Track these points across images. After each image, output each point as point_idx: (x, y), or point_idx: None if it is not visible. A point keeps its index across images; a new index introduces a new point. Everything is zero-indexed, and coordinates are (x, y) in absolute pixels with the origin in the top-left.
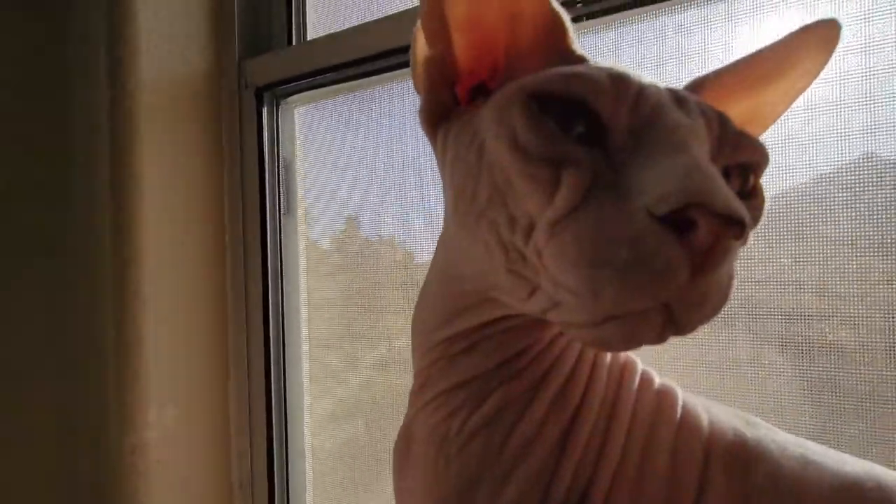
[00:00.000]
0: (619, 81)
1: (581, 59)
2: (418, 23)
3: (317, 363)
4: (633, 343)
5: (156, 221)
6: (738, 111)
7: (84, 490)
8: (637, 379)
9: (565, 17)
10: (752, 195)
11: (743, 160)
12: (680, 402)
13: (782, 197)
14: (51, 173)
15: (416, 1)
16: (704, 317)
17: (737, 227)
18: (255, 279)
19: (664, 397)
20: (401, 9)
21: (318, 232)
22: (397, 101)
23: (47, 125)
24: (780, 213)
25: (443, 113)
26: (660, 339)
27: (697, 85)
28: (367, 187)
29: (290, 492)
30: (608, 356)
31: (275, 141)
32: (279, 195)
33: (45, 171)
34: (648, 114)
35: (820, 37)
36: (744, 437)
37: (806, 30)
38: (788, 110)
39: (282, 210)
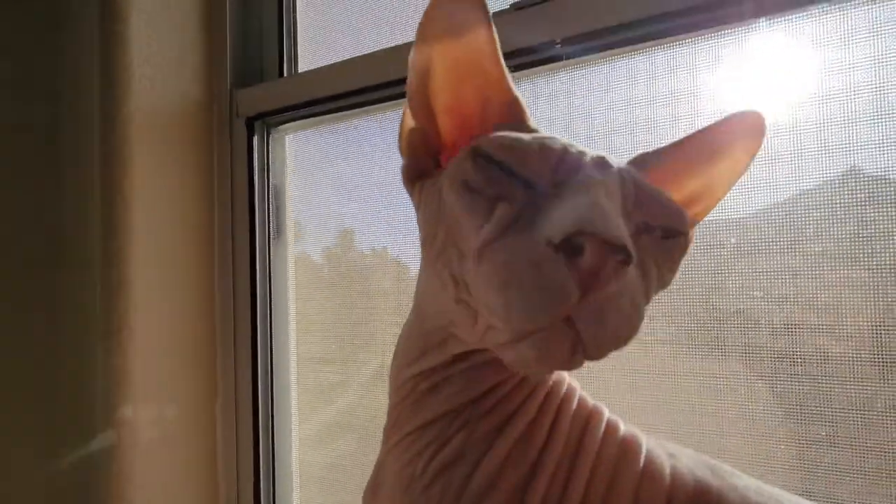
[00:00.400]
0: (544, 149)
1: (532, 130)
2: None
3: (305, 384)
4: (547, 361)
5: (145, 249)
6: (690, 187)
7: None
8: (602, 426)
9: (523, 99)
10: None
11: (658, 222)
12: (644, 451)
13: (768, 212)
14: (42, 200)
15: (403, 38)
16: (608, 339)
17: (621, 253)
18: (243, 302)
19: (628, 445)
20: (388, 45)
21: (308, 254)
22: (384, 130)
23: (39, 153)
24: (766, 227)
25: (422, 174)
26: (571, 358)
27: (640, 161)
28: (356, 212)
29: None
30: (574, 402)
31: (265, 168)
32: (268, 220)
33: (36, 198)
34: (567, 171)
35: (748, 125)
36: (707, 486)
37: (735, 118)
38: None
39: (271, 234)
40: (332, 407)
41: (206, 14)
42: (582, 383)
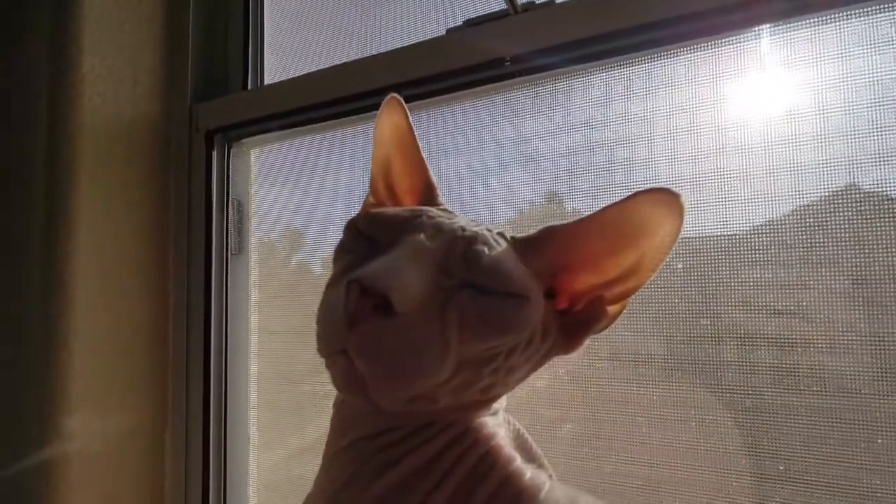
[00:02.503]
0: (395, 216)
1: (438, 205)
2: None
3: (265, 403)
4: (340, 382)
5: (92, 268)
6: (615, 268)
7: None
8: (503, 472)
9: (434, 180)
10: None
11: (477, 280)
12: (541, 492)
13: (768, 225)
14: None
15: (370, 50)
16: (378, 374)
17: (374, 298)
18: (197, 320)
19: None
20: (354, 58)
21: (273, 270)
22: (352, 143)
23: None
24: (766, 241)
25: None
26: (348, 386)
27: (545, 232)
28: (323, 225)
29: None
30: (481, 450)
31: (224, 182)
32: (227, 235)
33: None
34: (404, 233)
35: (665, 208)
36: None
37: (649, 201)
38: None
39: (231, 250)
40: (292, 429)
41: (166, 30)
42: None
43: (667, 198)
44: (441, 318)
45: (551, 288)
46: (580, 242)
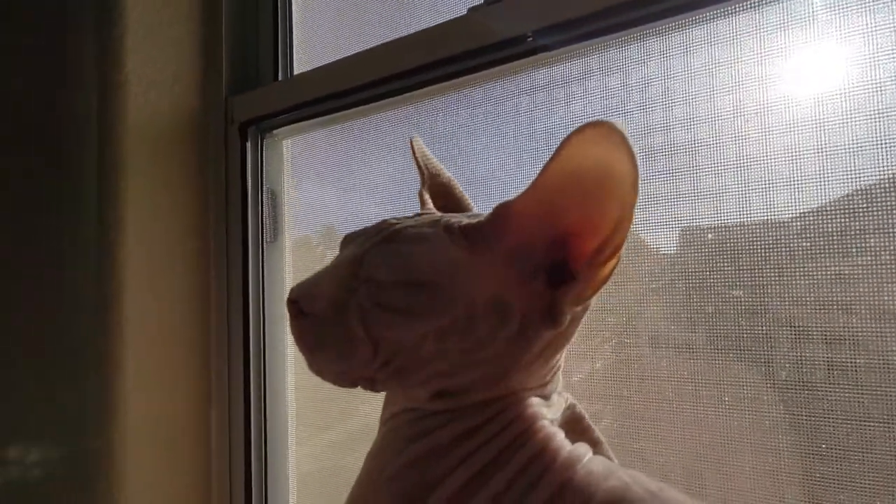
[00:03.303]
0: (349, 236)
1: (424, 211)
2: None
3: (302, 387)
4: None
5: (140, 256)
6: (559, 229)
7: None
8: (538, 448)
9: (445, 183)
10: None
11: (376, 277)
12: (591, 461)
13: (821, 210)
14: (40, 210)
15: (394, 34)
16: (306, 356)
17: (292, 305)
18: (237, 307)
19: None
20: (382, 41)
21: (305, 257)
22: (382, 130)
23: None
24: (818, 226)
25: None
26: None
27: (498, 210)
28: (354, 213)
29: None
30: (538, 435)
31: (259, 172)
32: (262, 224)
33: (34, 208)
34: (342, 249)
35: (589, 142)
36: (626, 491)
37: (573, 141)
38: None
39: (266, 238)
40: (331, 412)
41: (201, 28)
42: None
43: (597, 131)
44: (344, 313)
45: (556, 260)
46: (550, 205)
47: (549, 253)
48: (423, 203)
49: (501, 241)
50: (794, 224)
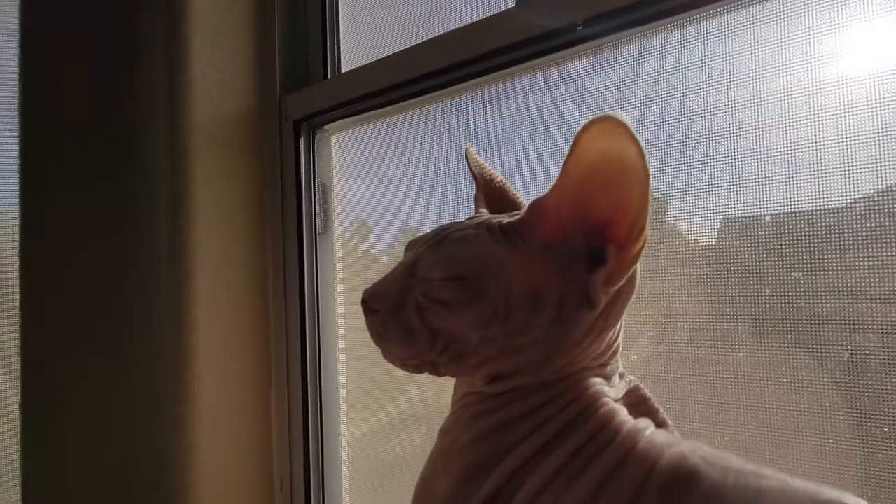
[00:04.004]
0: (410, 243)
1: (476, 215)
2: None
3: (353, 373)
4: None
5: (207, 244)
6: (588, 219)
7: (142, 485)
8: (637, 442)
9: (498, 186)
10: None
11: (427, 276)
12: (654, 437)
13: (878, 196)
14: (116, 205)
15: (434, 31)
16: (377, 341)
17: (363, 305)
18: (293, 294)
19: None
20: (426, 38)
21: (354, 247)
22: (426, 124)
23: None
24: (875, 213)
25: None
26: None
27: (529, 208)
28: (400, 204)
29: (325, 494)
30: (601, 411)
31: (311, 167)
32: (315, 216)
33: (109, 202)
34: (405, 254)
35: (599, 138)
36: (687, 460)
37: (584, 138)
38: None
39: (318, 229)
40: (378, 393)
41: (257, 30)
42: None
43: (603, 127)
44: (404, 308)
45: (592, 247)
46: (575, 197)
47: (588, 242)
48: (477, 206)
49: (537, 234)
50: (847, 212)
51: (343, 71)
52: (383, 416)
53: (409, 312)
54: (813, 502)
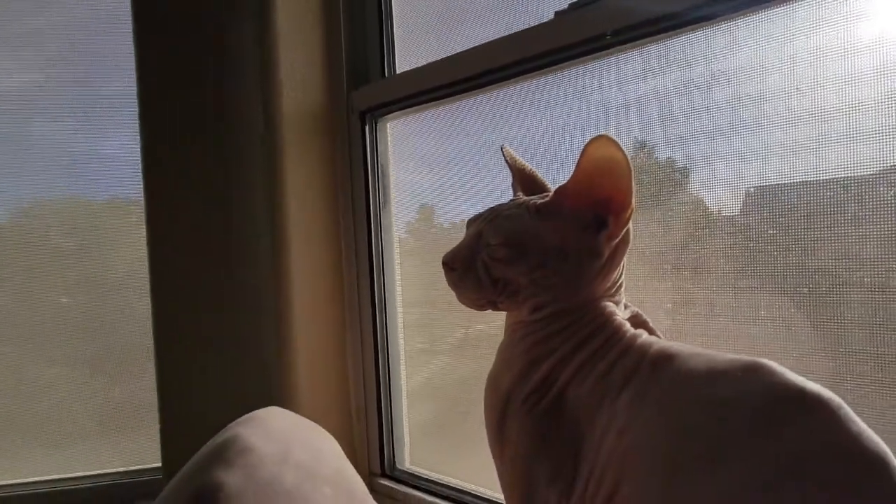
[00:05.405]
0: (473, 218)
1: (516, 198)
2: None
3: (408, 321)
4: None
5: (297, 217)
6: (595, 199)
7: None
8: (635, 341)
9: (529, 176)
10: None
11: (489, 241)
12: (649, 338)
13: None
14: (215, 187)
15: (465, 45)
16: (455, 289)
17: (444, 265)
18: (363, 255)
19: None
20: (468, 45)
21: (405, 219)
22: (467, 114)
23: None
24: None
25: None
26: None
27: (556, 191)
28: (443, 183)
29: (393, 422)
30: (621, 332)
31: (374, 151)
32: (378, 193)
33: (211, 184)
34: (470, 227)
35: (599, 148)
36: (673, 350)
37: (589, 148)
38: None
39: (379, 204)
40: (426, 337)
41: (326, 38)
42: None
43: (601, 141)
44: (474, 266)
45: (598, 217)
46: (585, 186)
47: (594, 214)
48: (514, 191)
49: (561, 210)
50: (880, 179)
51: (397, 70)
52: (431, 353)
53: (479, 268)
54: (732, 360)
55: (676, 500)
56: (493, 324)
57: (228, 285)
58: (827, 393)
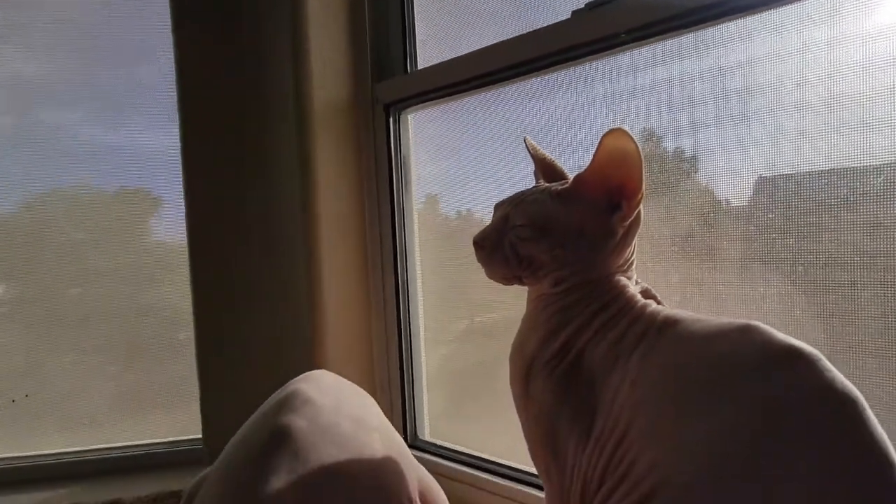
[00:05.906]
0: (500, 202)
1: (538, 185)
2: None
3: (428, 290)
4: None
5: (327, 199)
6: (609, 185)
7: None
8: (645, 310)
9: (548, 164)
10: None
11: (516, 223)
12: (657, 307)
13: None
14: (261, 171)
15: (478, 43)
16: (485, 266)
17: (475, 244)
18: (387, 236)
19: (651, 309)
20: (485, 43)
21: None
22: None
23: (252, 139)
24: None
25: None
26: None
27: (574, 179)
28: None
29: (414, 393)
30: (633, 304)
31: (397, 141)
32: (401, 179)
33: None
34: (497, 210)
35: (614, 140)
36: (679, 316)
37: (605, 140)
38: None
39: (403, 189)
40: (447, 305)
41: (352, 32)
42: None
43: (616, 134)
44: (501, 244)
45: (612, 201)
46: (601, 174)
47: (609, 199)
48: (536, 178)
49: (579, 195)
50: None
51: (419, 64)
52: (449, 329)
53: (506, 247)
54: (728, 322)
55: (681, 435)
56: (495, 314)
57: (266, 270)
58: (808, 348)
